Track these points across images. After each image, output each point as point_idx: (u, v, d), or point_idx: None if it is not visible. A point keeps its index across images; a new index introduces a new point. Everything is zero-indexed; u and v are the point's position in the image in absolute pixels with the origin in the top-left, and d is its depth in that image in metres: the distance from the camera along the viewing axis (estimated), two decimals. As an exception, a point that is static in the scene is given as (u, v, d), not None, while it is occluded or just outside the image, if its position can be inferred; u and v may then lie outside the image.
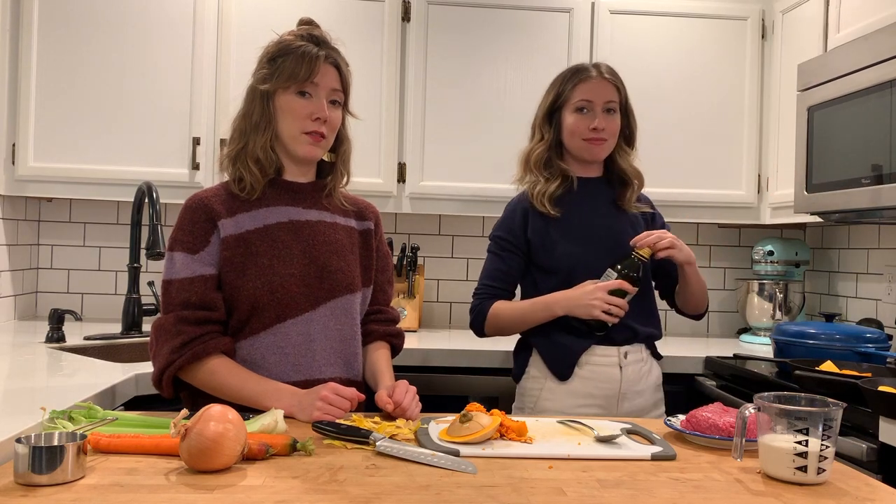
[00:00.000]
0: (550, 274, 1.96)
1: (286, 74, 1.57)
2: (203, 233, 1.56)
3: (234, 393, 1.52)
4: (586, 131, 1.96)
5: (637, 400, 1.95)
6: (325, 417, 1.43)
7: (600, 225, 1.98)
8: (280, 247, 1.58)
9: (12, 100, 2.74)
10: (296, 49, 1.58)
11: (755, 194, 3.02)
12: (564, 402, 1.92)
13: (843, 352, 2.18)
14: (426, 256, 3.26)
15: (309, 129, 1.59)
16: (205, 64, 2.81)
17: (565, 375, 1.92)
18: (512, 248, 2.01)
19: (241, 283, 1.55)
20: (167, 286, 1.56)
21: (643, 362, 1.97)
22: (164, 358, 1.53)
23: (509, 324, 1.98)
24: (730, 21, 3.01)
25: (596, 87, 1.97)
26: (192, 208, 1.58)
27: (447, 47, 2.93)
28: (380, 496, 1.08)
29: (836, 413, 1.19)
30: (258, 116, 1.59)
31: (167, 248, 1.58)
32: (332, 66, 1.62)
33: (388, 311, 1.79)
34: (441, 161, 2.93)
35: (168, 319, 1.54)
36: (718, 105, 3.01)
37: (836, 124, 2.35)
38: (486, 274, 2.04)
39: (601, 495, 1.11)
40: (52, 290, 3.12)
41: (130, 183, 2.72)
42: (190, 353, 1.51)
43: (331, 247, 1.63)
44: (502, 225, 2.06)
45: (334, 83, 1.62)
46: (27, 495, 1.04)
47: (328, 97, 1.61)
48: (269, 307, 1.56)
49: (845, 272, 3.08)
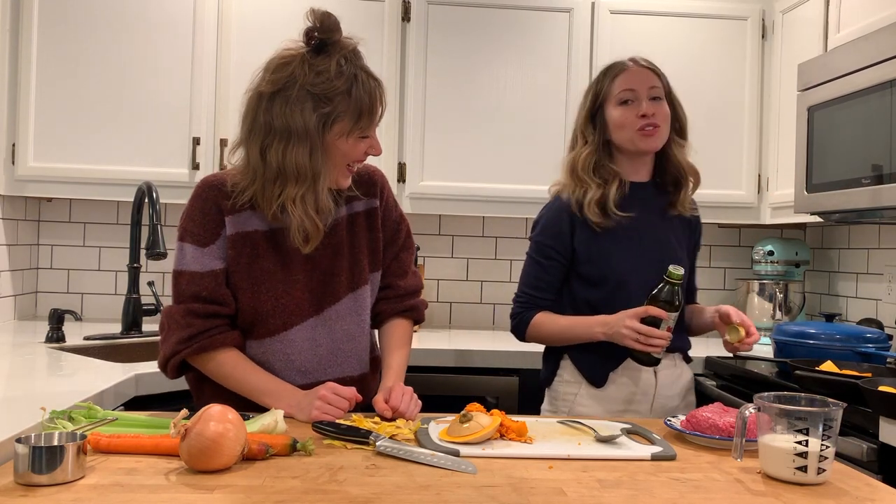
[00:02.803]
0: (594, 286, 1.85)
1: (352, 119, 1.47)
2: (213, 226, 1.53)
3: (237, 387, 1.52)
4: (636, 120, 1.82)
5: (669, 403, 1.89)
6: (324, 417, 1.42)
7: (650, 236, 1.87)
8: (285, 252, 1.54)
9: (12, 100, 2.74)
10: (353, 82, 1.46)
11: (755, 194, 3.02)
12: (600, 407, 1.85)
13: (843, 352, 2.17)
14: (426, 256, 3.26)
15: (357, 162, 1.55)
16: (205, 64, 2.81)
17: (600, 384, 1.85)
18: (556, 255, 1.87)
19: (246, 287, 1.53)
20: (178, 276, 1.53)
21: (675, 367, 1.91)
22: (170, 347, 1.52)
23: (549, 338, 1.90)
24: (730, 21, 3.01)
25: (636, 74, 1.86)
26: (203, 198, 1.54)
27: (447, 47, 2.93)
28: (380, 496, 1.08)
29: (836, 413, 1.19)
30: (318, 164, 1.46)
31: (178, 237, 1.55)
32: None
33: (399, 286, 1.70)
34: (441, 161, 2.93)
35: (178, 310, 1.52)
36: (718, 105, 3.01)
37: (836, 124, 2.35)
38: (527, 281, 1.92)
39: (601, 495, 1.11)
40: (52, 290, 3.12)
41: (130, 183, 2.72)
42: (197, 345, 1.50)
43: (334, 248, 1.59)
44: (546, 230, 1.90)
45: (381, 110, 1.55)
46: (27, 495, 1.04)
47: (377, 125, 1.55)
48: (274, 315, 1.54)
49: (845, 272, 3.08)
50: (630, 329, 1.68)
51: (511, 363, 2.54)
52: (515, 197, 2.92)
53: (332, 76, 1.45)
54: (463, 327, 3.24)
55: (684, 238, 1.95)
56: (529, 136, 2.94)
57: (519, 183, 2.92)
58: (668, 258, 1.81)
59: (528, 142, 2.94)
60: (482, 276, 3.31)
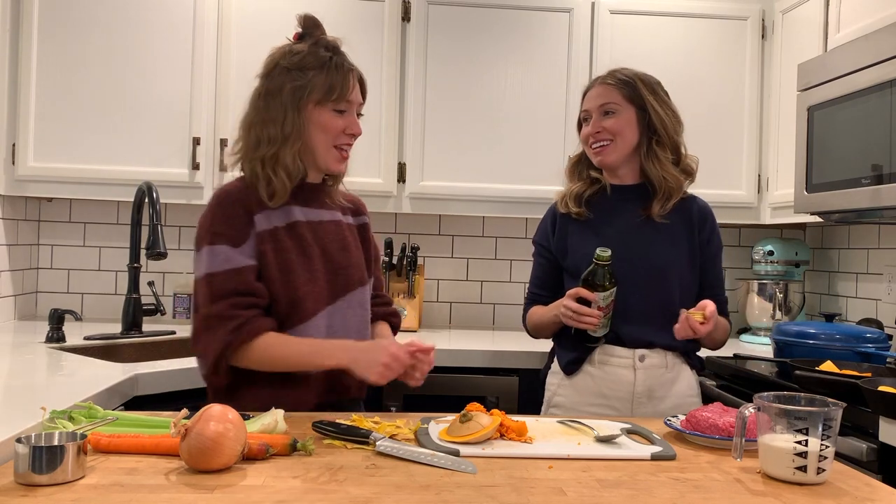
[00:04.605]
0: (573, 278, 1.91)
1: (323, 89, 1.60)
2: (243, 226, 1.58)
3: (291, 360, 1.56)
4: (588, 139, 1.95)
5: (659, 406, 1.89)
6: (383, 381, 1.50)
7: (627, 232, 1.92)
8: (305, 245, 1.63)
9: (12, 100, 2.74)
10: (327, 62, 1.61)
11: (755, 194, 3.02)
12: (575, 398, 1.92)
13: (843, 352, 2.17)
14: (426, 256, 3.26)
15: (340, 143, 1.65)
16: (205, 64, 2.81)
17: (570, 371, 1.93)
18: (546, 252, 2.03)
19: (278, 278, 1.59)
20: (210, 278, 1.56)
21: (666, 368, 1.91)
22: (220, 342, 1.53)
23: (537, 328, 2.02)
24: (730, 21, 3.01)
25: (592, 94, 1.96)
26: (228, 203, 1.60)
27: (447, 47, 2.93)
28: (380, 496, 1.08)
29: (836, 413, 1.19)
30: (290, 127, 1.60)
31: (206, 243, 1.58)
32: (358, 81, 1.67)
33: (384, 296, 1.90)
34: (441, 161, 2.93)
35: (219, 307, 1.54)
36: (718, 105, 3.01)
37: (836, 124, 2.35)
38: (530, 279, 2.09)
39: (601, 495, 1.11)
40: (52, 290, 3.12)
41: (130, 183, 2.72)
42: (245, 333, 1.53)
43: (340, 244, 1.70)
44: (537, 230, 2.08)
45: (360, 97, 1.68)
46: (27, 495, 1.04)
47: (356, 111, 1.68)
48: (306, 301, 1.60)
49: (845, 272, 3.08)
50: (566, 308, 1.80)
51: (511, 363, 2.54)
52: (515, 197, 2.92)
53: (306, 54, 1.62)
54: (463, 327, 3.24)
55: (682, 238, 1.94)
56: (529, 136, 2.94)
57: (519, 183, 2.92)
58: (654, 258, 1.88)
59: (528, 142, 2.94)
60: (482, 276, 3.31)
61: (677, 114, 1.97)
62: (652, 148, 1.92)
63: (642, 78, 1.95)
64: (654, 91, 1.94)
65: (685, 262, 1.93)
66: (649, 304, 1.88)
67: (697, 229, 1.96)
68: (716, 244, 2.00)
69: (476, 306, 3.30)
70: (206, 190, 2.80)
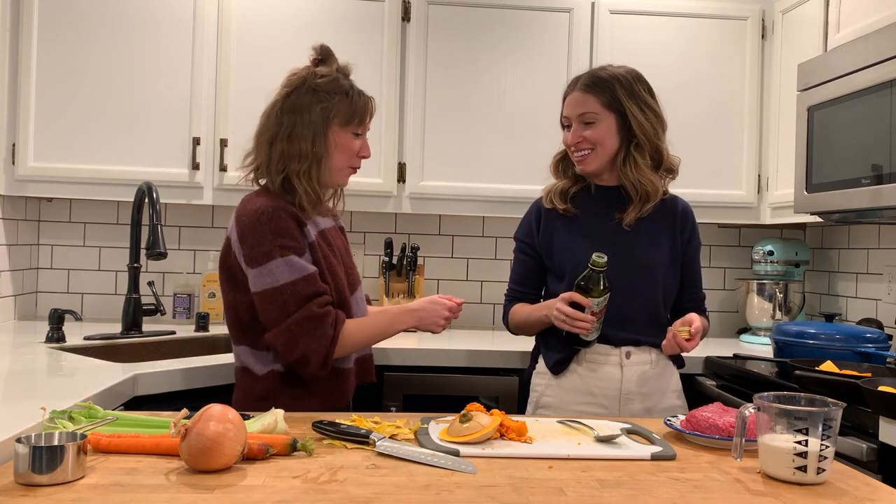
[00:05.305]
0: (559, 280, 1.95)
1: (347, 114, 1.76)
2: (300, 235, 1.72)
3: (372, 338, 1.80)
4: (569, 145, 1.97)
5: (646, 403, 1.92)
6: (440, 329, 1.80)
7: (613, 232, 1.93)
8: (333, 250, 1.81)
9: (12, 100, 2.74)
10: (350, 90, 1.78)
11: (755, 194, 3.02)
12: (563, 398, 1.93)
13: (843, 352, 2.17)
14: (426, 256, 3.26)
15: (355, 165, 1.83)
16: (205, 64, 2.81)
17: (558, 371, 1.94)
18: (528, 249, 2.04)
19: (328, 279, 1.75)
20: (292, 287, 1.67)
21: (652, 365, 1.93)
22: (325, 338, 1.67)
23: (519, 326, 2.05)
24: (730, 21, 3.01)
25: (570, 101, 1.96)
26: (280, 217, 1.70)
27: (447, 47, 2.93)
28: (380, 496, 1.08)
29: (836, 413, 1.19)
30: (321, 145, 1.75)
31: (278, 255, 1.68)
32: None
33: (366, 295, 2.07)
34: (441, 161, 2.93)
35: (308, 311, 1.67)
36: (718, 105, 3.01)
37: (836, 124, 2.35)
38: (511, 276, 2.10)
39: (601, 495, 1.11)
40: (52, 290, 3.12)
41: (130, 183, 2.72)
42: (339, 326, 1.71)
43: (344, 247, 1.90)
44: (520, 227, 2.09)
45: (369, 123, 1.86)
46: (27, 495, 1.04)
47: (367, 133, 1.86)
48: (345, 300, 1.78)
49: (845, 272, 3.08)
50: (559, 311, 1.82)
51: (511, 363, 2.54)
52: (515, 197, 2.92)
53: (332, 79, 1.77)
54: (463, 327, 3.24)
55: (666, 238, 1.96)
56: (529, 135, 2.94)
57: (519, 183, 2.91)
58: (635, 257, 1.90)
59: (528, 141, 2.94)
60: (482, 276, 3.31)
61: (659, 113, 1.95)
62: (630, 153, 1.92)
63: (621, 79, 1.91)
64: (633, 94, 1.90)
65: (668, 261, 1.96)
66: (635, 303, 1.90)
67: (680, 229, 1.99)
68: (696, 244, 2.04)
69: (476, 306, 3.30)
70: (206, 190, 2.80)
